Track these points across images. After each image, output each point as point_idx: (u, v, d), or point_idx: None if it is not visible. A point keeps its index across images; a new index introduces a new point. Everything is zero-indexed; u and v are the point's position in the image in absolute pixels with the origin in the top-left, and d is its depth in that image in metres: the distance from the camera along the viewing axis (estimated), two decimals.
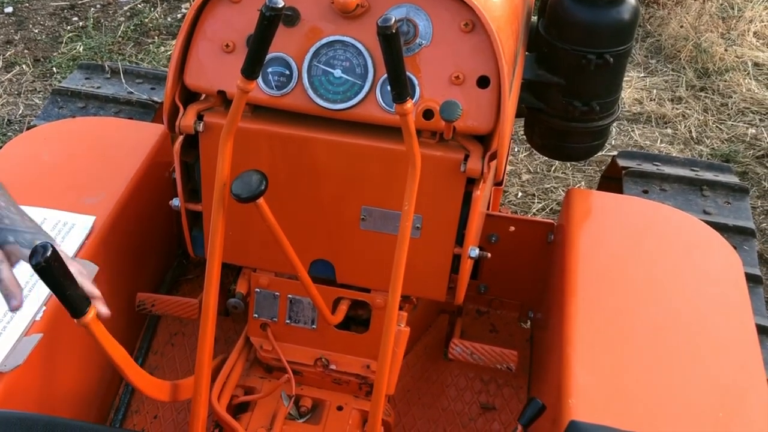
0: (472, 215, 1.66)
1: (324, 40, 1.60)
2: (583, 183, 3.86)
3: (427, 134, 1.62)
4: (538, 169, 3.94)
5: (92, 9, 5.10)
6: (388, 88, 1.43)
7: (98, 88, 2.80)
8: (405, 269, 1.55)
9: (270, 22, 1.29)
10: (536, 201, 3.75)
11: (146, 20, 4.99)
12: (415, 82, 1.58)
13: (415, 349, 2.26)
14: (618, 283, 1.80)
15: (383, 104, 1.59)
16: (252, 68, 1.35)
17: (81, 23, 4.96)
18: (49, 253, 1.11)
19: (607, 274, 1.81)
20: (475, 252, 1.72)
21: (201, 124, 1.66)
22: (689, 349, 1.66)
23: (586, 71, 2.05)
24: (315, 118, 1.64)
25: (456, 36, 1.57)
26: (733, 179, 2.58)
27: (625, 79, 4.49)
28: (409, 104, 1.40)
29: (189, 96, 1.71)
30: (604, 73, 2.07)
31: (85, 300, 1.23)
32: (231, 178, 1.49)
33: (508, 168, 3.89)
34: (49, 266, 1.12)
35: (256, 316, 1.91)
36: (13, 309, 1.32)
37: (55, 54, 4.67)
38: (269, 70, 1.62)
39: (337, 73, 1.60)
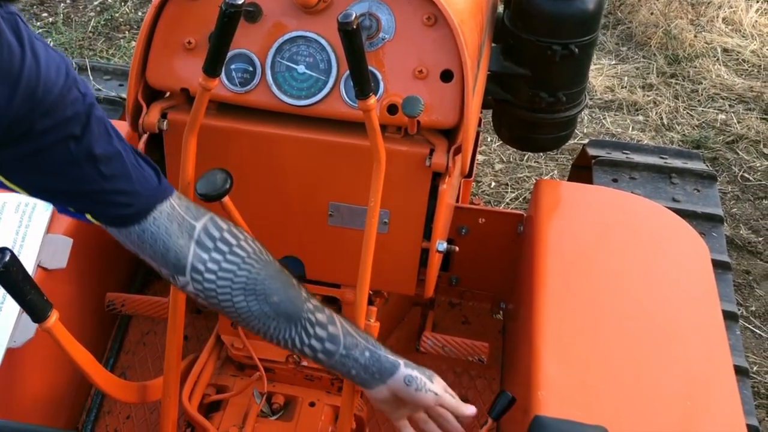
0: (438, 209, 1.66)
1: (286, 36, 1.59)
2: (555, 172, 3.87)
3: (392, 129, 1.61)
4: (511, 159, 3.95)
5: (62, 4, 5.05)
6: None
7: None
8: (373, 264, 1.55)
9: (230, 18, 1.28)
10: (509, 190, 3.76)
11: (117, 15, 4.95)
12: (379, 76, 1.57)
13: (387, 342, 2.26)
14: (586, 274, 1.81)
15: (348, 100, 1.58)
16: (213, 66, 1.34)
17: (50, 19, 4.91)
18: (7, 258, 1.10)
19: (575, 265, 1.82)
20: (443, 246, 1.72)
21: (165, 123, 1.65)
22: (657, 338, 1.67)
23: (552, 62, 2.05)
24: (280, 115, 1.63)
25: (419, 30, 1.57)
26: (701, 166, 2.60)
27: (596, 66, 4.54)
28: (372, 100, 1.40)
29: (153, 94, 1.70)
30: (570, 63, 2.07)
31: (47, 304, 1.22)
32: (196, 177, 1.48)
33: (481, 158, 3.90)
34: (8, 271, 1.10)
35: None
36: None
37: None
38: (232, 66, 1.61)
39: (301, 69, 1.59)
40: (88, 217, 1.24)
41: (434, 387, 1.39)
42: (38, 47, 1.09)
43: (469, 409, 1.42)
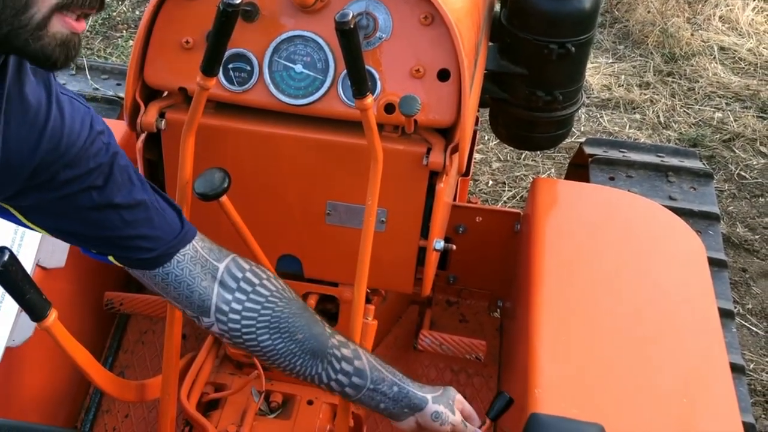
0: (436, 208, 1.66)
1: (284, 35, 1.59)
2: (553, 170, 3.88)
3: (390, 128, 1.62)
4: (509, 157, 3.95)
5: None
6: None
7: (63, 84, 2.76)
8: (371, 263, 1.55)
9: (228, 17, 1.28)
10: (507, 189, 3.77)
11: (114, 14, 4.94)
12: (376, 76, 1.58)
13: (385, 340, 2.27)
14: (583, 272, 1.82)
15: (345, 99, 1.59)
16: (211, 65, 1.35)
17: None
18: (6, 257, 1.10)
19: (572, 263, 1.83)
20: (440, 244, 1.73)
21: (163, 122, 1.65)
22: (653, 336, 1.68)
23: (549, 61, 2.06)
24: (278, 114, 1.64)
25: (416, 29, 1.58)
26: (697, 164, 2.61)
27: (593, 65, 4.55)
28: (369, 99, 1.40)
29: (151, 93, 1.70)
30: (567, 62, 2.07)
31: (46, 303, 1.22)
32: (194, 176, 1.49)
33: (478, 157, 3.90)
34: (6, 270, 1.11)
35: None
36: None
37: None
38: (230, 66, 1.61)
39: (298, 68, 1.60)
40: (111, 259, 1.27)
41: (454, 419, 1.44)
42: (64, 101, 1.13)
43: None
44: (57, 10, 0.93)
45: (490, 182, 3.81)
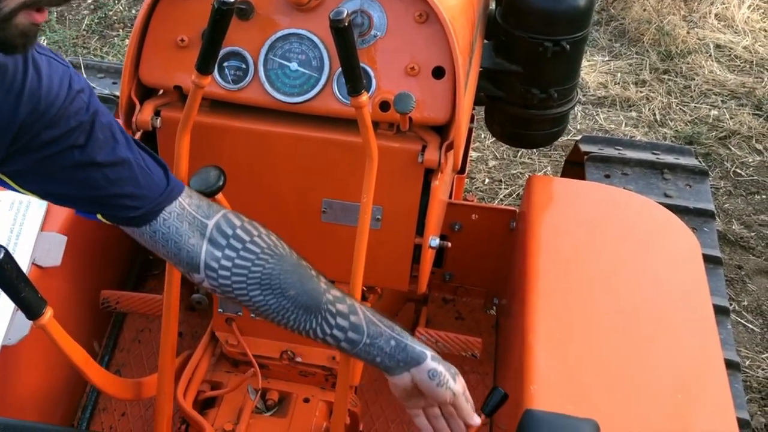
0: (431, 205, 1.67)
1: (279, 33, 1.59)
2: (549, 168, 3.89)
3: (385, 126, 1.62)
4: (505, 156, 3.96)
5: None
6: None
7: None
8: (367, 260, 1.56)
9: (223, 16, 1.28)
10: (503, 187, 3.77)
11: (110, 13, 4.94)
12: (371, 73, 1.58)
13: None
14: (578, 269, 1.82)
15: (340, 97, 1.59)
16: (206, 63, 1.35)
17: None
18: (1, 255, 1.10)
19: (567, 261, 1.83)
20: (435, 241, 1.73)
21: (158, 120, 1.65)
22: (648, 332, 1.68)
23: (544, 59, 2.06)
24: (273, 112, 1.64)
25: (410, 27, 1.58)
26: (693, 162, 2.61)
27: (589, 63, 4.55)
28: (364, 97, 1.40)
29: (146, 92, 1.70)
30: (561, 60, 2.08)
31: (42, 301, 1.22)
32: (190, 174, 1.49)
33: (475, 155, 3.91)
34: (2, 269, 1.11)
35: (221, 311, 1.91)
36: None
37: None
38: (225, 64, 1.61)
39: (294, 66, 1.60)
40: (99, 217, 1.26)
41: (455, 386, 1.39)
42: (41, 61, 1.13)
43: (475, 420, 1.43)
44: (25, 7, 0.95)
45: (487, 180, 3.82)
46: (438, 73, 1.58)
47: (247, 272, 1.29)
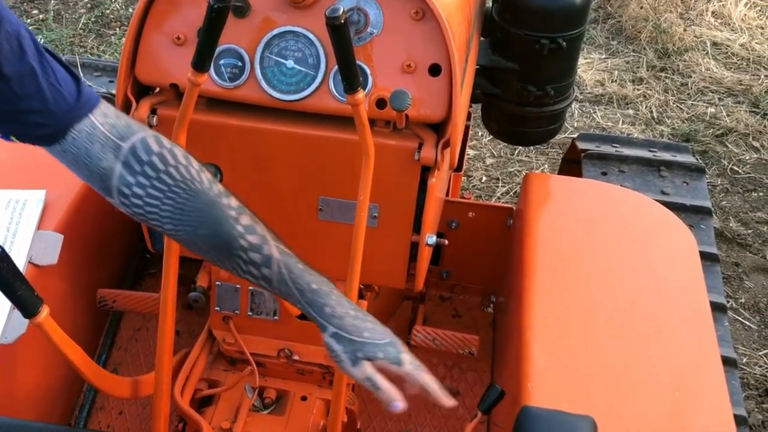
0: (428, 202, 1.66)
1: (275, 31, 1.59)
2: (546, 166, 3.89)
3: (381, 123, 1.62)
4: (502, 153, 3.96)
5: (52, 1, 5.03)
6: None
7: None
8: (363, 258, 1.56)
9: (218, 13, 1.28)
10: (500, 185, 3.77)
11: (107, 11, 4.93)
12: (367, 71, 1.58)
13: None
14: (575, 267, 1.82)
15: (336, 94, 1.59)
16: (202, 61, 1.35)
17: (41, 16, 4.89)
18: None
19: (564, 258, 1.83)
20: (432, 239, 1.73)
21: (155, 118, 1.65)
22: (645, 329, 1.68)
23: (540, 56, 2.06)
24: (269, 110, 1.64)
25: (407, 24, 1.58)
26: (690, 159, 2.62)
27: (586, 60, 4.56)
28: (361, 94, 1.41)
29: (142, 90, 1.70)
30: (558, 57, 2.08)
31: (38, 299, 1.22)
32: None
33: (472, 153, 3.91)
34: None
35: (218, 309, 1.91)
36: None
37: None
38: (221, 62, 1.61)
39: (290, 63, 1.60)
40: (13, 138, 1.18)
41: (353, 370, 1.26)
42: None
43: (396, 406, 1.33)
44: None
45: (484, 178, 3.82)
46: (434, 70, 1.58)
47: (159, 203, 1.19)
